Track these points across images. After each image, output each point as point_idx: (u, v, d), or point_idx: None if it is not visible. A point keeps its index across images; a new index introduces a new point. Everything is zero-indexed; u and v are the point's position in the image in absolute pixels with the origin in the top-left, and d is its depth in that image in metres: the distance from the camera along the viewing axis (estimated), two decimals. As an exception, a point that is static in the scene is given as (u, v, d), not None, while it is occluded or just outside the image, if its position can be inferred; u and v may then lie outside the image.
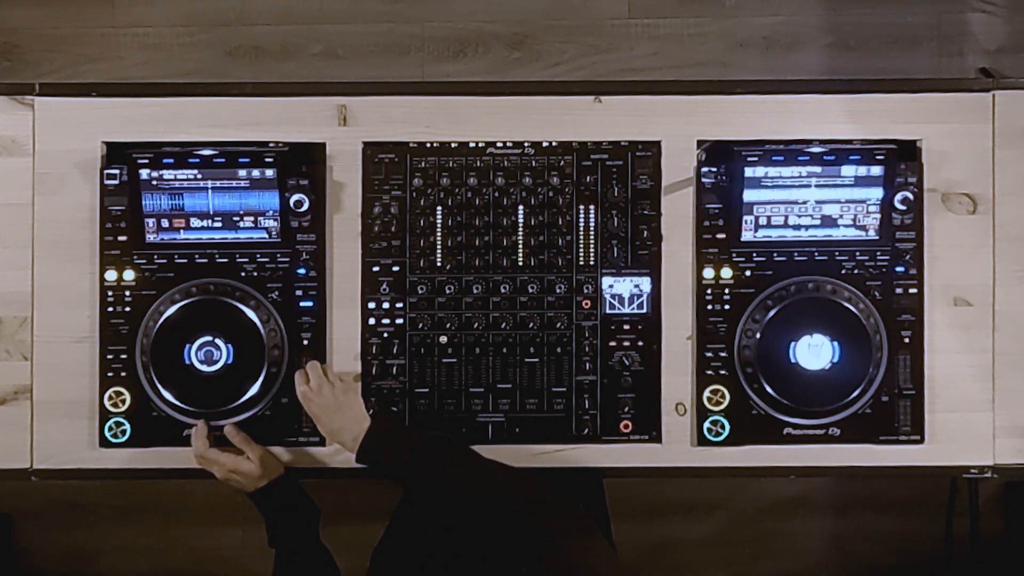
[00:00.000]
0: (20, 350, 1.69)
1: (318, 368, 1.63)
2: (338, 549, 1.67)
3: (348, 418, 1.58)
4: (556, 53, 2.48)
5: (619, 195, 1.69)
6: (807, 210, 1.67)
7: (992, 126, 1.70)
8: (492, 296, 1.69)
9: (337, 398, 1.59)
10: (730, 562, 2.47)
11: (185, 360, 1.65)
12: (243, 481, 1.60)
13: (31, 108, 1.69)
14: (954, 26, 2.47)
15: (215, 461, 1.60)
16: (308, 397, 1.60)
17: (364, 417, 1.58)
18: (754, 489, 2.47)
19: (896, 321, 1.68)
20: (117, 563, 2.47)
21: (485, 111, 1.70)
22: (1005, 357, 1.69)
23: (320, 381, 1.60)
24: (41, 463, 1.68)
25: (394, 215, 1.69)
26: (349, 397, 1.60)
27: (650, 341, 1.69)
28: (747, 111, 1.69)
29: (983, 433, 1.69)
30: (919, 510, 2.46)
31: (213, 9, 2.49)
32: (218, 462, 1.59)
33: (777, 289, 1.68)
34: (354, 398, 1.61)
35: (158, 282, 1.67)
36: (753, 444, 1.68)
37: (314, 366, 1.63)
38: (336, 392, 1.60)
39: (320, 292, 1.68)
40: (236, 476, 1.60)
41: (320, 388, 1.59)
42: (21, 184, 1.69)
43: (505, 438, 1.68)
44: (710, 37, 2.48)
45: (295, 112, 1.69)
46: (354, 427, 1.56)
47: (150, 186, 1.64)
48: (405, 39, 2.49)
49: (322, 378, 1.61)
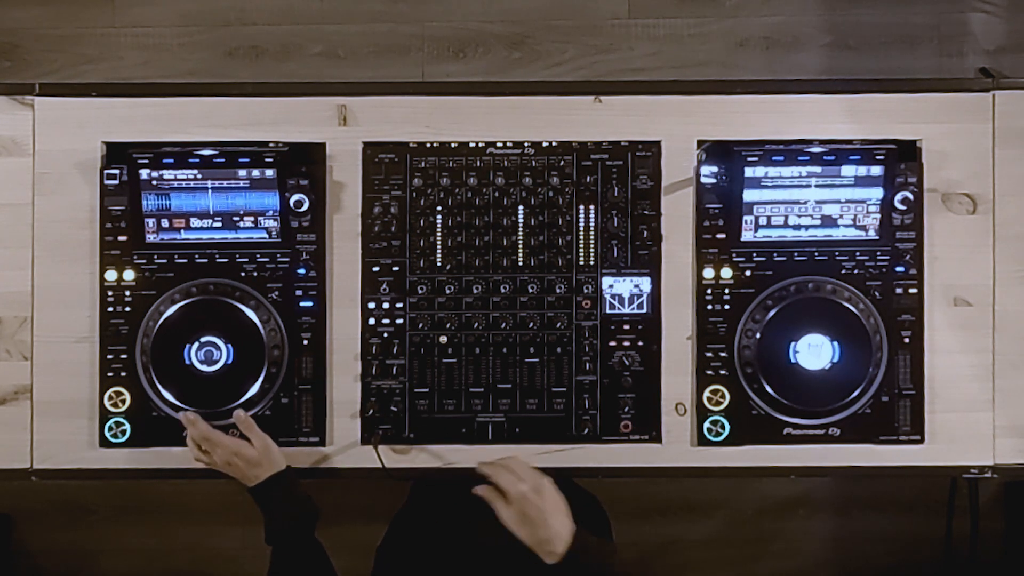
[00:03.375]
0: (20, 350, 1.69)
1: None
2: (338, 549, 1.66)
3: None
4: (556, 53, 2.48)
5: (619, 195, 1.69)
6: (807, 210, 1.67)
7: (992, 126, 1.70)
8: (492, 296, 1.69)
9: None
10: (730, 562, 2.47)
11: (185, 360, 1.65)
12: (243, 468, 1.57)
13: (31, 108, 1.69)
14: (954, 26, 2.47)
15: (218, 443, 1.57)
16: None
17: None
18: (754, 489, 2.47)
19: (896, 321, 1.68)
20: (117, 563, 2.47)
21: (485, 111, 1.70)
22: (1005, 357, 1.69)
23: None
24: (41, 463, 1.68)
25: (394, 215, 1.69)
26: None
27: (650, 341, 1.69)
28: (747, 111, 1.69)
29: (983, 433, 1.69)
30: (919, 510, 2.46)
31: (213, 9, 2.49)
32: (221, 444, 1.57)
33: (777, 289, 1.68)
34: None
35: (158, 282, 1.67)
36: (753, 444, 1.68)
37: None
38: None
39: (320, 292, 1.68)
40: (237, 461, 1.57)
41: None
42: (21, 184, 1.69)
43: (505, 438, 1.68)
44: (710, 37, 2.48)
45: (295, 112, 1.69)
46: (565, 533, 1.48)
47: (150, 186, 1.64)
48: (405, 39, 2.48)
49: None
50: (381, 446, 1.67)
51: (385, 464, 1.66)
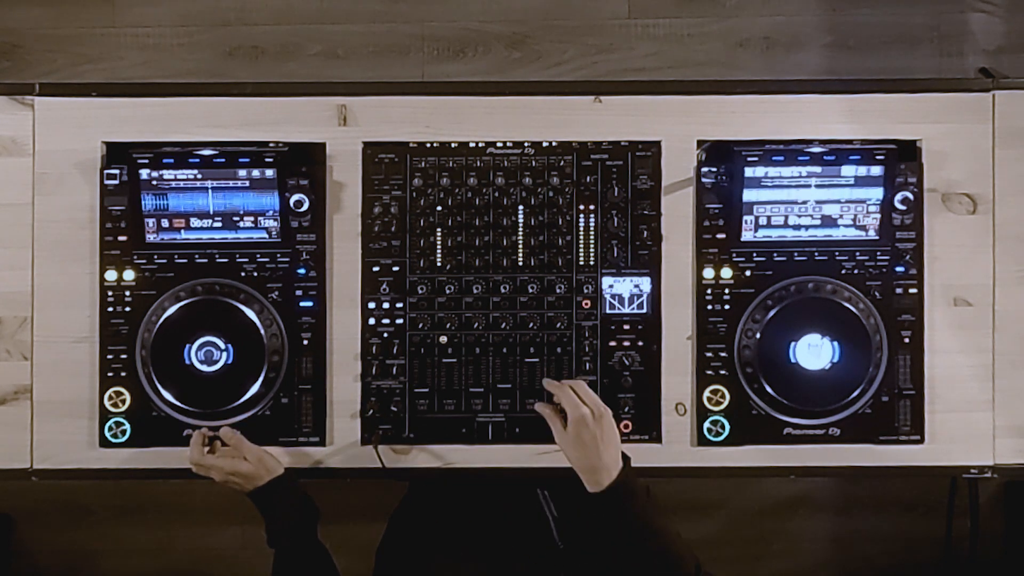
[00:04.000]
0: (20, 350, 1.69)
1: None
2: (338, 549, 1.67)
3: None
4: (556, 53, 2.48)
5: (619, 195, 1.69)
6: (807, 210, 1.67)
7: (992, 126, 1.70)
8: (492, 296, 1.69)
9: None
10: (730, 562, 2.47)
11: (185, 360, 1.65)
12: (242, 483, 1.60)
13: (31, 108, 1.69)
14: (954, 26, 2.47)
15: (212, 466, 1.60)
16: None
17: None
18: (754, 489, 2.47)
19: (896, 321, 1.68)
20: (117, 563, 2.47)
21: (485, 111, 1.70)
22: (1005, 357, 1.69)
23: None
24: (41, 463, 1.68)
25: (394, 215, 1.69)
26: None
27: (650, 341, 1.69)
28: (747, 111, 1.69)
29: (983, 433, 1.69)
30: (919, 510, 2.46)
31: (213, 9, 2.49)
32: (215, 467, 1.59)
33: (777, 289, 1.68)
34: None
35: (158, 282, 1.67)
36: (753, 444, 1.68)
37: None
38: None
39: (320, 292, 1.68)
40: (234, 478, 1.60)
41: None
42: (21, 184, 1.69)
43: (505, 438, 1.68)
44: (710, 37, 2.48)
45: (295, 112, 1.69)
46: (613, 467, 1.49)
47: (150, 186, 1.64)
48: (405, 39, 2.48)
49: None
50: (381, 446, 1.67)
51: (385, 464, 1.66)
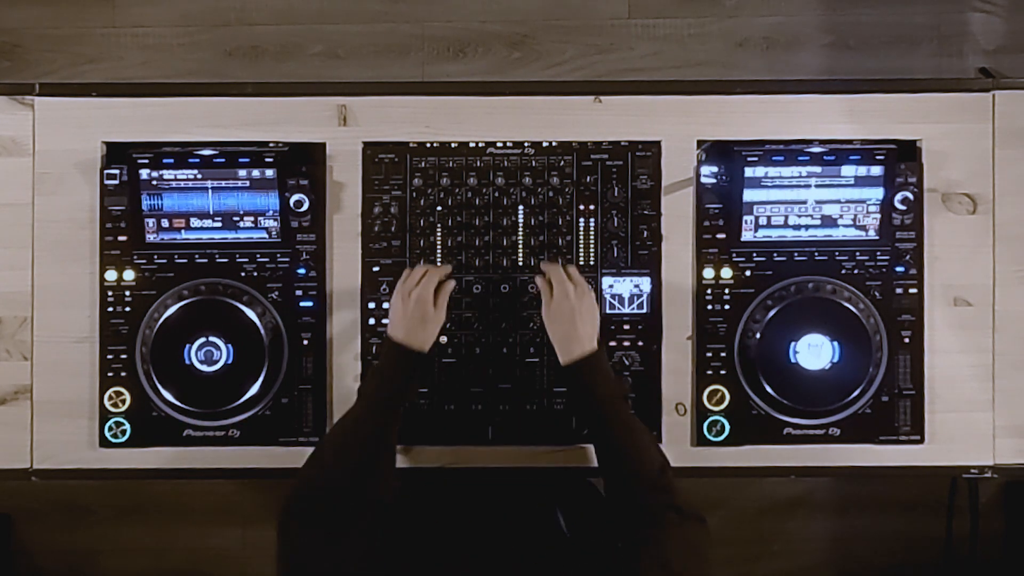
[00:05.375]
0: (20, 350, 1.69)
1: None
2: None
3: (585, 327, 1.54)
4: (556, 53, 2.48)
5: (619, 195, 1.69)
6: (807, 210, 1.67)
7: (992, 126, 1.70)
8: (492, 296, 1.69)
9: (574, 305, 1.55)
10: (730, 562, 2.47)
11: (185, 360, 1.65)
12: (418, 313, 1.52)
13: (31, 108, 1.69)
14: (954, 26, 2.47)
15: (425, 286, 1.53)
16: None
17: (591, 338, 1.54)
18: (754, 489, 2.47)
19: (896, 321, 1.68)
20: (117, 563, 2.48)
21: (485, 111, 1.70)
22: (1005, 357, 1.69)
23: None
24: (41, 463, 1.69)
25: (394, 215, 1.69)
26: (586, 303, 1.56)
27: (650, 341, 1.69)
28: (747, 111, 1.69)
29: (983, 433, 1.69)
30: (919, 510, 2.46)
31: (213, 9, 2.49)
32: (425, 287, 1.53)
33: (777, 289, 1.68)
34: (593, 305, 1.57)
35: (158, 282, 1.67)
36: (753, 444, 1.68)
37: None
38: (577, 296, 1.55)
39: (320, 292, 1.68)
40: (425, 305, 1.52)
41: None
42: (21, 184, 1.69)
43: (505, 438, 1.68)
44: (710, 37, 2.48)
45: (295, 112, 1.69)
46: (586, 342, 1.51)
47: (150, 186, 1.64)
48: (405, 39, 2.49)
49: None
50: (381, 446, 1.67)
51: (385, 464, 1.66)
